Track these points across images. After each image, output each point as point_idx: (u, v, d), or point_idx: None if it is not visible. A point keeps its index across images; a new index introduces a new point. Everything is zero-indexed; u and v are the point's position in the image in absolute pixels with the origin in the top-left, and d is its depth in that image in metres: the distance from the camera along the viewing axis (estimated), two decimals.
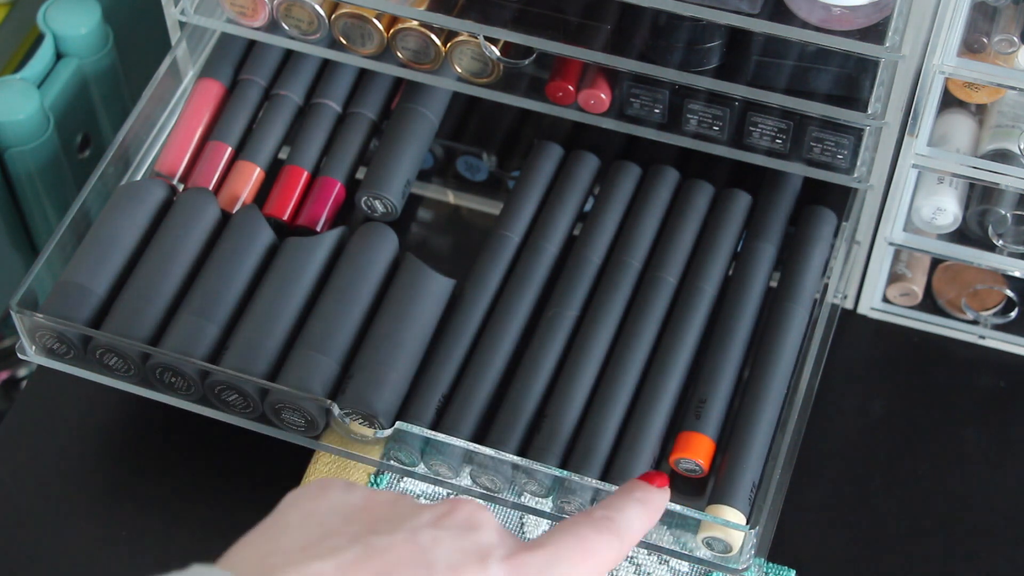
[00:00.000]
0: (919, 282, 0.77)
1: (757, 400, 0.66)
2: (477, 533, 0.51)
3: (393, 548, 0.49)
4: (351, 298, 0.68)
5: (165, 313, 0.68)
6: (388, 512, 0.51)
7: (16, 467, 0.73)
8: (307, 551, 0.48)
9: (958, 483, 0.72)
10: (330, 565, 0.47)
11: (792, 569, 0.69)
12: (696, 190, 0.74)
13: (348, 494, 0.52)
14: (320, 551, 0.48)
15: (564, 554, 0.52)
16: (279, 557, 0.48)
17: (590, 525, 0.54)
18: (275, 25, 0.73)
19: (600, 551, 0.54)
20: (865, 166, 0.69)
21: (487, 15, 0.68)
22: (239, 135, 0.75)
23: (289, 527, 0.50)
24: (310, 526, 0.50)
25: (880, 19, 0.63)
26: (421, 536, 0.50)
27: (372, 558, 0.48)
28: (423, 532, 0.50)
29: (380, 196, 0.72)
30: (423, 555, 0.49)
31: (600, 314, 0.69)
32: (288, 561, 0.48)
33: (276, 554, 0.48)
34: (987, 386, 0.76)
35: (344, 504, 0.51)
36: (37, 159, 0.82)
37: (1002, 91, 0.68)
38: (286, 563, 0.47)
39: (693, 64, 0.67)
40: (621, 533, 0.55)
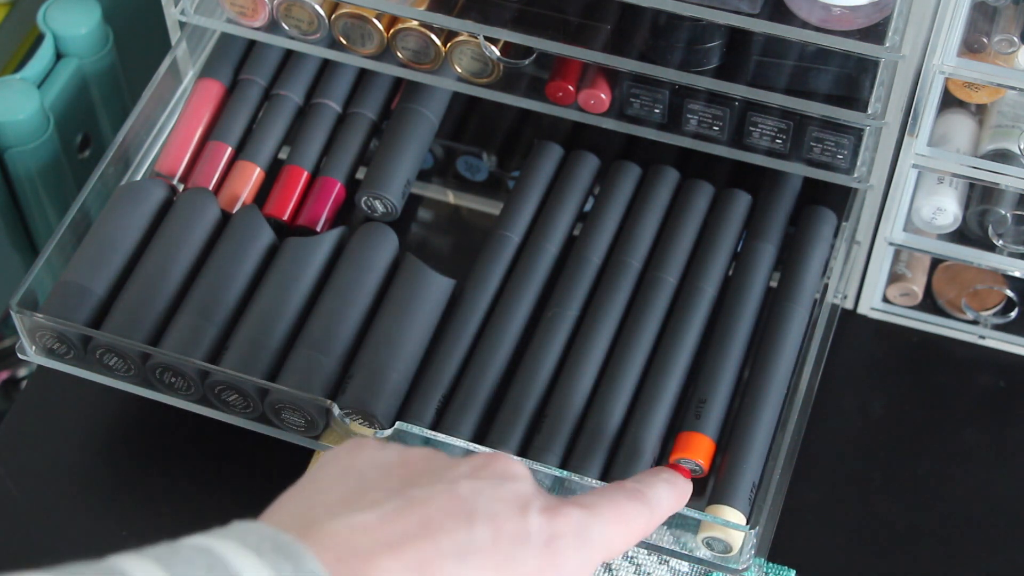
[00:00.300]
0: (919, 282, 0.77)
1: (757, 400, 0.66)
2: (515, 483, 0.51)
3: (433, 499, 0.49)
4: (351, 298, 0.68)
5: (165, 313, 0.68)
6: (425, 466, 0.51)
7: (16, 467, 0.73)
8: (348, 504, 0.48)
9: (958, 483, 0.72)
10: (373, 516, 0.48)
11: (792, 569, 0.69)
12: (696, 190, 0.74)
13: (383, 450, 0.52)
14: (361, 504, 0.48)
15: (599, 514, 0.53)
16: (321, 510, 0.48)
17: (624, 493, 0.55)
18: (275, 25, 0.73)
19: (632, 519, 0.55)
20: (865, 166, 0.69)
21: (487, 15, 0.68)
22: (239, 135, 0.75)
23: (327, 483, 0.50)
24: (349, 481, 0.50)
25: (880, 19, 0.63)
26: (460, 487, 0.50)
27: (413, 509, 0.48)
28: (461, 483, 0.50)
29: (380, 196, 0.72)
30: (463, 504, 0.49)
31: (600, 314, 0.69)
32: (330, 514, 0.48)
33: (317, 508, 0.48)
34: (987, 386, 0.76)
35: (380, 460, 0.51)
36: (37, 159, 0.82)
37: (1002, 91, 0.68)
38: (328, 516, 0.48)
39: (693, 64, 0.67)
40: (652, 506, 0.56)
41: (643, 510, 0.56)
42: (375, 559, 0.46)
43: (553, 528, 0.51)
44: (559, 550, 0.50)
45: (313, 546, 0.46)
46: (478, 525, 0.49)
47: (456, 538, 0.48)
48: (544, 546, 0.50)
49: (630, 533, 0.55)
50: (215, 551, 0.44)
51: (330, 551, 0.46)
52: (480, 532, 0.49)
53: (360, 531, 0.47)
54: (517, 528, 0.50)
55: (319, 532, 0.47)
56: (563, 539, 0.51)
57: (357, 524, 0.47)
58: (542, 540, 0.50)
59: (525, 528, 0.50)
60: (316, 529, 0.47)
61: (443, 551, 0.47)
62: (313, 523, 0.47)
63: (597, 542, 0.52)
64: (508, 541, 0.49)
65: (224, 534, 0.46)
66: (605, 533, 0.53)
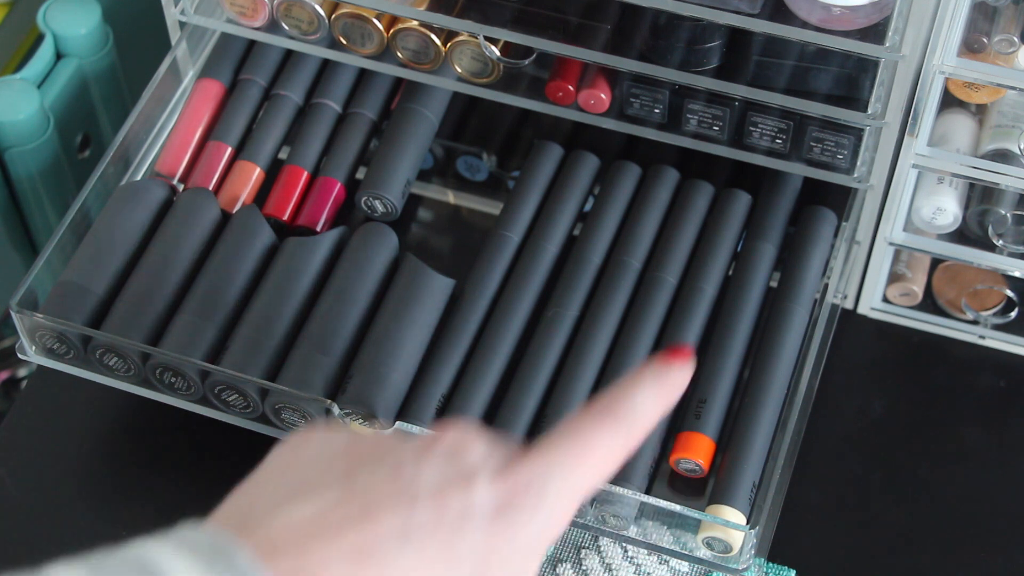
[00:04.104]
0: (919, 282, 0.77)
1: (757, 400, 0.66)
2: (462, 456, 0.49)
3: (375, 485, 0.48)
4: (351, 298, 0.68)
5: (165, 313, 0.68)
6: (371, 451, 0.50)
7: (16, 467, 0.73)
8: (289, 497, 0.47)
9: (958, 483, 0.72)
10: (312, 507, 0.47)
11: (792, 569, 0.69)
12: (696, 190, 0.74)
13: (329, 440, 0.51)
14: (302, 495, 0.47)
15: (558, 461, 0.49)
16: (262, 506, 0.47)
17: (590, 420, 0.50)
18: (275, 25, 0.73)
19: (601, 445, 0.50)
20: (865, 166, 0.69)
21: (487, 15, 0.68)
22: (239, 135, 0.75)
23: (272, 477, 0.49)
24: (293, 473, 0.49)
25: (880, 19, 0.63)
26: (404, 469, 0.48)
27: (354, 498, 0.47)
28: (405, 465, 0.48)
29: (380, 196, 0.72)
30: (406, 486, 0.48)
31: (600, 314, 0.69)
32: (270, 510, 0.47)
33: (259, 503, 0.48)
34: (987, 386, 0.76)
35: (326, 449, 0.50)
36: (37, 159, 0.82)
37: (1002, 91, 0.68)
38: (268, 512, 0.47)
39: (693, 64, 0.67)
40: (630, 420, 0.50)
41: (618, 430, 0.50)
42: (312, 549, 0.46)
43: (503, 496, 0.48)
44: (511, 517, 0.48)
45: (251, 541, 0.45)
46: (420, 505, 0.47)
47: (396, 521, 0.47)
48: (493, 518, 0.47)
49: (603, 462, 0.50)
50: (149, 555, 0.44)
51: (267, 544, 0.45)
52: (422, 512, 0.47)
53: (298, 523, 0.46)
54: (462, 503, 0.47)
55: (257, 527, 0.46)
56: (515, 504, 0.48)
57: (295, 516, 0.47)
58: (490, 511, 0.47)
59: (470, 501, 0.47)
60: (254, 525, 0.46)
61: (382, 535, 0.46)
62: (252, 519, 0.47)
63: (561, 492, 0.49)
64: (452, 518, 0.47)
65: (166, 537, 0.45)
66: (570, 479, 0.49)
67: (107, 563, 0.44)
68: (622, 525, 0.65)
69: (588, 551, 0.69)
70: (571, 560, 0.69)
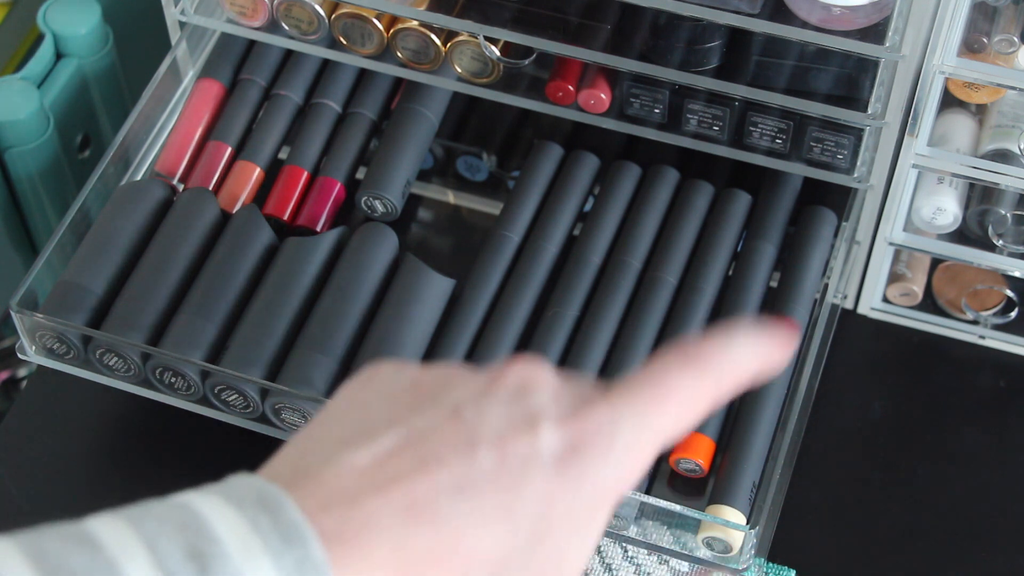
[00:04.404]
0: (919, 282, 0.77)
1: (757, 400, 0.66)
2: (528, 396, 0.45)
3: (434, 429, 0.44)
4: (351, 298, 0.68)
5: (165, 313, 0.68)
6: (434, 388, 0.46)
7: (16, 467, 0.73)
8: (345, 444, 0.44)
9: (958, 483, 0.72)
10: (366, 456, 0.44)
11: (792, 569, 0.69)
12: (696, 190, 0.74)
13: (395, 376, 0.47)
14: (358, 442, 0.44)
15: (634, 402, 0.45)
16: (316, 454, 0.44)
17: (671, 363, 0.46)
18: (275, 25, 0.73)
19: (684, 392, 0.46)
20: (865, 166, 0.69)
21: (487, 15, 0.68)
22: (239, 135, 0.75)
23: (333, 419, 0.46)
24: (352, 416, 0.46)
25: (880, 19, 0.63)
26: (466, 410, 0.45)
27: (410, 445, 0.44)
28: (467, 406, 0.45)
29: (380, 196, 0.72)
30: (467, 431, 0.44)
31: (600, 314, 0.69)
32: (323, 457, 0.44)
33: (314, 451, 0.45)
34: (987, 386, 0.76)
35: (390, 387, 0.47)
36: (37, 159, 0.82)
37: (1002, 91, 0.68)
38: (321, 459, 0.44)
39: (693, 64, 0.67)
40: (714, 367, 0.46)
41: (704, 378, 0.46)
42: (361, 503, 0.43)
43: (571, 440, 0.44)
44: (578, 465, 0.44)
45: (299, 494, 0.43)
46: (481, 452, 0.44)
47: (454, 470, 0.43)
48: (558, 464, 0.44)
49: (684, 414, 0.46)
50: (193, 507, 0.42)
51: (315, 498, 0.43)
52: (483, 459, 0.43)
53: (349, 474, 0.43)
54: (526, 448, 0.44)
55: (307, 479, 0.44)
56: (583, 450, 0.44)
57: (347, 466, 0.43)
58: (555, 456, 0.44)
59: (536, 446, 0.44)
60: (305, 475, 0.44)
61: (438, 487, 0.43)
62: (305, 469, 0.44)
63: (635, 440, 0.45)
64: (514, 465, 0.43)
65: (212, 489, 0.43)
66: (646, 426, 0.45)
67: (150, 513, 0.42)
68: (622, 525, 0.65)
69: None
70: None
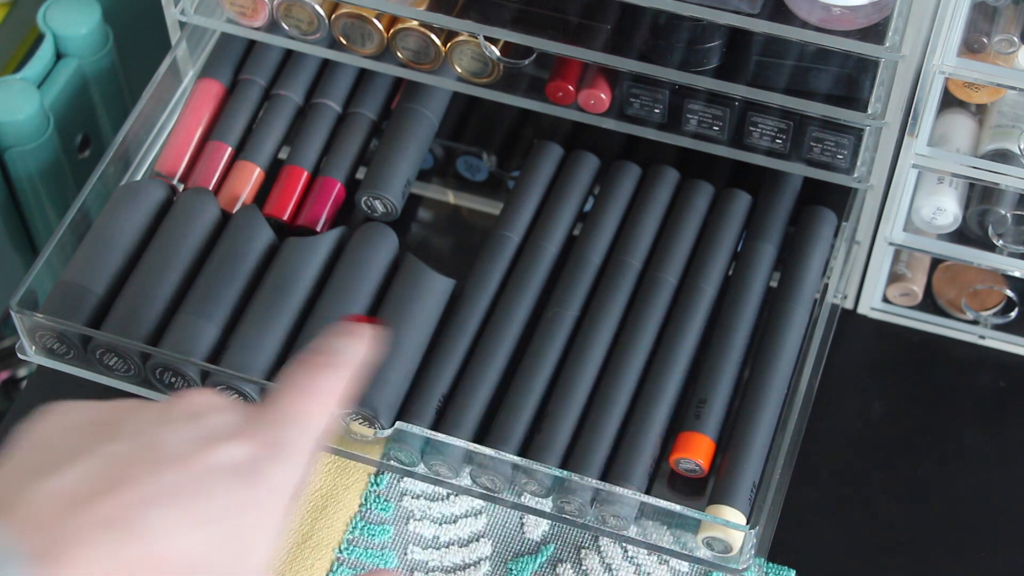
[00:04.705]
0: (919, 282, 0.77)
1: (757, 400, 0.66)
2: (203, 419, 0.50)
3: (119, 454, 0.49)
4: (351, 298, 0.68)
5: (165, 313, 0.68)
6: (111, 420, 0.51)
7: None
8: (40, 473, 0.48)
9: (958, 483, 0.72)
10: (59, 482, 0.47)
11: (792, 569, 0.69)
12: (696, 190, 0.74)
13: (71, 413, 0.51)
14: (52, 469, 0.48)
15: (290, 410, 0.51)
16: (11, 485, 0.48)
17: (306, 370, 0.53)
18: (275, 25, 0.73)
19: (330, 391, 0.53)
20: (865, 166, 0.69)
21: (487, 15, 0.68)
22: (239, 135, 0.75)
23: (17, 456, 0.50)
24: (38, 449, 0.50)
25: (880, 19, 0.63)
26: (146, 434, 0.49)
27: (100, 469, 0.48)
28: (147, 430, 0.50)
29: (380, 196, 0.72)
30: (150, 451, 0.49)
31: (600, 314, 0.69)
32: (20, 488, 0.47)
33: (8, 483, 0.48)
34: (987, 386, 0.76)
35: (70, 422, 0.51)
36: (37, 159, 0.82)
37: (1002, 91, 0.68)
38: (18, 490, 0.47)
39: (693, 64, 0.67)
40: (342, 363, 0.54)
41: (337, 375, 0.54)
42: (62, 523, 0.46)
43: (245, 452, 0.49)
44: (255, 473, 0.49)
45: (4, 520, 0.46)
46: (164, 469, 0.48)
47: (144, 487, 0.47)
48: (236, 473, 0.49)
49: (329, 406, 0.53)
50: None
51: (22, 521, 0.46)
52: (167, 476, 0.48)
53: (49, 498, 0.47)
54: (206, 461, 0.49)
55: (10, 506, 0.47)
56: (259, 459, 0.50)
57: (43, 493, 0.47)
58: (234, 467, 0.49)
59: (215, 459, 0.49)
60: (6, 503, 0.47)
61: (132, 502, 0.47)
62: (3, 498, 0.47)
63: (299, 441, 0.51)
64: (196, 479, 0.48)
65: None
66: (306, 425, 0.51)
67: None
68: (622, 525, 0.65)
69: (588, 551, 0.69)
70: (571, 560, 0.69)
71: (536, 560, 0.69)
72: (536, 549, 0.69)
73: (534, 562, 0.69)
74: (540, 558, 0.69)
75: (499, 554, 0.69)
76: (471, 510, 0.70)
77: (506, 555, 0.69)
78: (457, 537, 0.69)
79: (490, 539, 0.70)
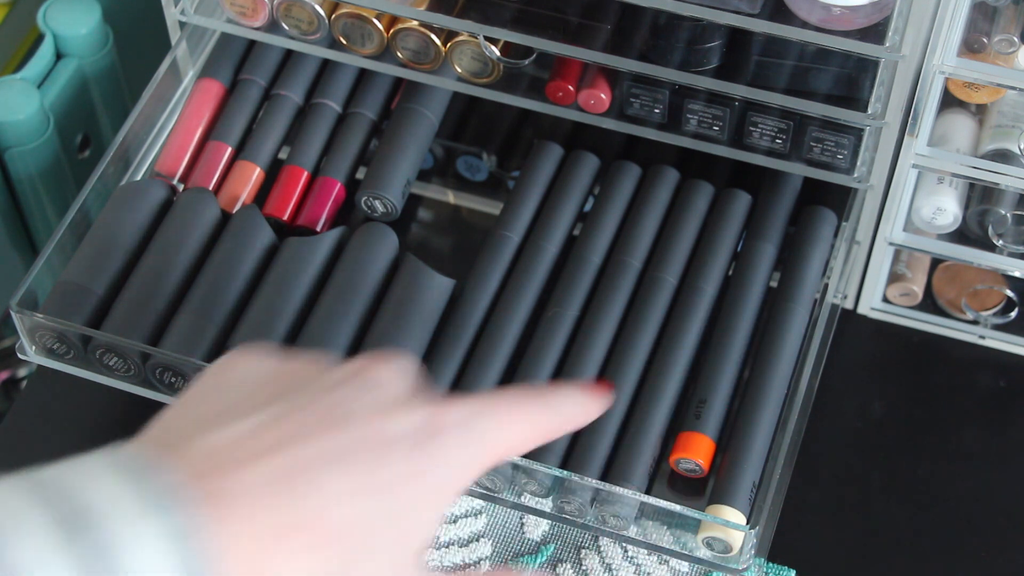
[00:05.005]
0: (919, 282, 0.77)
1: (757, 400, 0.66)
2: (390, 386, 0.50)
3: (303, 408, 0.48)
4: (351, 298, 0.68)
5: (165, 313, 0.69)
6: (299, 376, 0.50)
7: (16, 467, 0.72)
8: (217, 418, 0.47)
9: (958, 483, 0.72)
10: (239, 428, 0.47)
11: (792, 569, 0.69)
12: (696, 190, 0.74)
13: (258, 362, 0.51)
14: (230, 417, 0.47)
15: (490, 409, 0.50)
16: (188, 426, 0.47)
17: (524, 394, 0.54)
18: (275, 25, 0.73)
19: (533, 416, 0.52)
20: (865, 166, 0.69)
21: (487, 15, 0.68)
22: (239, 135, 0.75)
23: (201, 398, 0.49)
24: (222, 395, 0.49)
25: (880, 19, 0.63)
26: (332, 394, 0.49)
27: (281, 419, 0.47)
28: (337, 389, 0.49)
29: (380, 196, 0.72)
30: (333, 411, 0.48)
31: (600, 314, 0.69)
32: (197, 429, 0.47)
33: (186, 424, 0.48)
34: (987, 386, 0.76)
35: (255, 372, 0.50)
36: (37, 159, 0.82)
37: (1002, 91, 0.68)
38: (195, 431, 0.47)
39: (693, 64, 0.67)
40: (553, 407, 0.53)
41: (546, 411, 0.53)
42: (235, 471, 0.45)
43: (430, 427, 0.49)
44: (435, 450, 0.48)
45: (176, 462, 0.45)
46: (345, 430, 0.47)
47: (322, 445, 0.47)
48: (416, 447, 0.48)
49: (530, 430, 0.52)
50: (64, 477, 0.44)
51: (192, 466, 0.45)
52: (347, 437, 0.47)
53: (224, 444, 0.46)
54: (390, 430, 0.48)
55: (183, 448, 0.46)
56: (440, 437, 0.49)
57: (221, 437, 0.46)
58: (414, 441, 0.48)
59: (398, 429, 0.48)
60: (181, 445, 0.46)
61: (307, 459, 0.46)
62: (179, 440, 0.46)
63: (489, 435, 0.50)
64: (376, 444, 0.47)
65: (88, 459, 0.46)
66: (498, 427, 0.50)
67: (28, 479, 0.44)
68: (622, 525, 0.65)
69: (588, 551, 0.69)
70: (571, 560, 0.69)
71: (536, 560, 0.69)
72: (536, 549, 0.69)
73: (534, 562, 0.69)
74: (540, 558, 0.69)
75: (499, 554, 0.69)
76: (471, 510, 0.70)
77: (506, 555, 0.69)
78: (457, 537, 0.70)
79: (490, 539, 0.70)
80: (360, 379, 0.50)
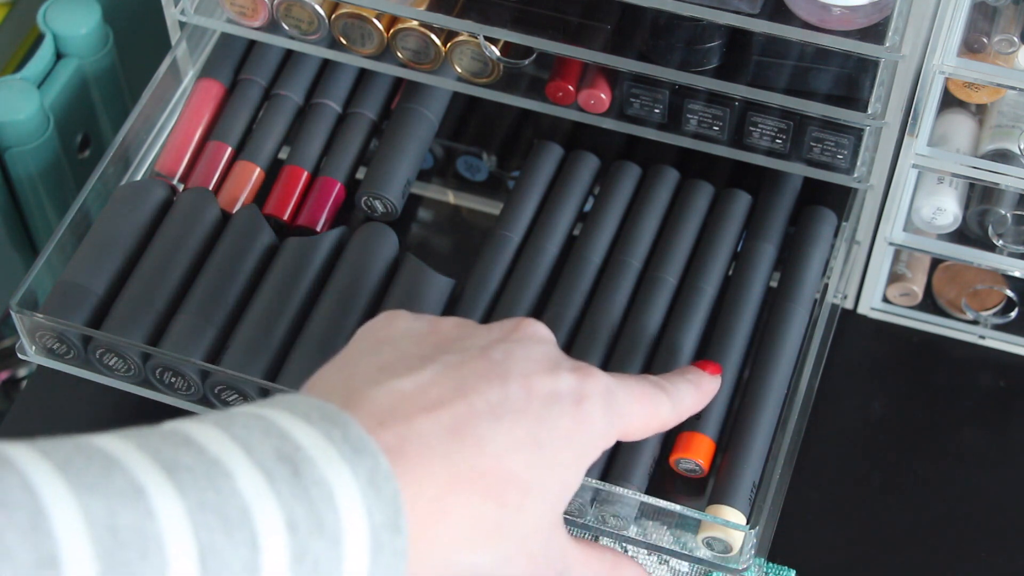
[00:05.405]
0: (919, 282, 0.77)
1: (757, 400, 0.66)
2: (543, 345, 0.53)
3: (467, 363, 0.51)
4: (351, 298, 0.68)
5: (165, 313, 0.69)
6: (456, 333, 0.53)
7: None
8: (386, 372, 0.50)
9: (958, 483, 0.72)
10: (410, 382, 0.49)
11: (792, 569, 0.69)
12: (696, 190, 0.74)
13: (415, 321, 0.54)
14: (398, 371, 0.50)
15: (626, 385, 0.55)
16: (360, 380, 0.50)
17: (648, 382, 0.58)
18: (275, 25, 0.73)
19: (655, 403, 0.57)
20: (865, 166, 0.69)
21: (487, 15, 0.68)
22: (239, 135, 0.75)
23: (363, 354, 0.52)
24: (384, 351, 0.52)
25: (880, 19, 0.63)
26: (492, 351, 0.52)
27: (448, 373, 0.50)
28: (493, 347, 0.52)
29: (380, 196, 0.72)
30: (496, 366, 0.51)
31: (600, 314, 0.69)
32: (370, 382, 0.50)
33: (356, 378, 0.50)
34: (987, 386, 0.76)
35: (412, 330, 0.53)
36: (37, 159, 0.82)
37: (1002, 91, 0.68)
38: (368, 384, 0.49)
39: (693, 64, 0.67)
40: (674, 399, 0.58)
41: (666, 400, 0.58)
42: (413, 422, 0.48)
43: (583, 388, 0.52)
44: (588, 410, 0.52)
45: (356, 413, 0.48)
46: (511, 385, 0.50)
47: (490, 398, 0.49)
48: (574, 404, 0.51)
49: (651, 416, 0.57)
50: (268, 418, 0.46)
51: (372, 417, 0.48)
52: (513, 391, 0.50)
53: (398, 396, 0.49)
54: (549, 386, 0.51)
55: (360, 400, 0.49)
56: (591, 399, 0.52)
57: (395, 390, 0.49)
58: (572, 399, 0.51)
59: (557, 387, 0.51)
60: (358, 397, 0.49)
61: (478, 411, 0.49)
62: (354, 392, 0.49)
63: (623, 409, 0.54)
64: (541, 399, 0.51)
65: (272, 403, 0.47)
66: (629, 405, 0.55)
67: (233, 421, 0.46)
68: (622, 525, 0.65)
69: None
70: None
71: None
72: None
73: None
74: None
75: None
76: None
77: None
78: None
79: None
80: (516, 336, 0.53)
